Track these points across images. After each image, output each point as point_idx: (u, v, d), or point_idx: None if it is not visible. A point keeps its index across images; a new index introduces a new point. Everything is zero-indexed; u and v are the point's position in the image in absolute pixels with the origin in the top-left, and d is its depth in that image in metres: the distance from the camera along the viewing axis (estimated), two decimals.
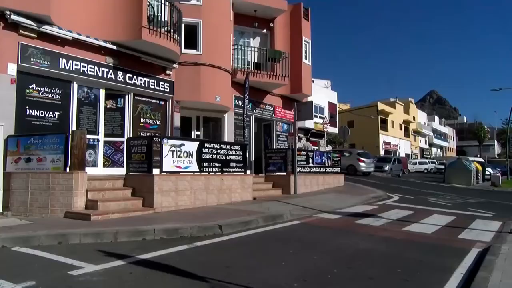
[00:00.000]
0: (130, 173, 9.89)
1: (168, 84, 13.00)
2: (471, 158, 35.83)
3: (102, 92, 11.38)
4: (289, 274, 4.85)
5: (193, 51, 14.10)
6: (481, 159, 43.48)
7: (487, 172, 33.05)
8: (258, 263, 5.39)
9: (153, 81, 12.51)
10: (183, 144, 10.18)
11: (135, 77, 11.94)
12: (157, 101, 12.96)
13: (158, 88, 12.67)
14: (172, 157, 9.83)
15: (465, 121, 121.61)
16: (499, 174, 29.92)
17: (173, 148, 9.85)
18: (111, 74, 11.29)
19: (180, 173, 10.03)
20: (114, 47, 11.16)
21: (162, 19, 11.79)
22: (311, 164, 16.08)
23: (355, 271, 5.15)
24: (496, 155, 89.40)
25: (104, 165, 11.29)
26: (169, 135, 12.73)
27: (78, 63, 10.47)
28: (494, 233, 8.10)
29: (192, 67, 13.93)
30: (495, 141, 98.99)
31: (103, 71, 11.08)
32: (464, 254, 6.17)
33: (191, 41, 14.12)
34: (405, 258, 5.96)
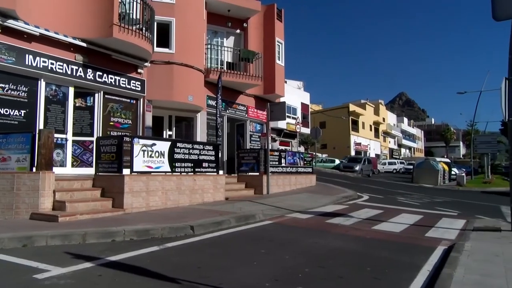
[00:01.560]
0: (100, 173, 9.69)
1: (139, 83, 12.81)
2: (438, 159, 37.02)
3: (71, 90, 11.10)
4: (261, 274, 4.87)
5: (166, 50, 13.94)
6: (447, 160, 45.02)
7: (453, 172, 34.19)
8: (230, 264, 5.38)
9: (124, 79, 12.30)
10: (154, 144, 10.05)
11: (105, 75, 11.70)
12: (128, 100, 12.75)
13: (129, 86, 12.47)
14: (143, 157, 9.69)
15: (433, 122, 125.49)
16: (464, 174, 31.03)
17: (144, 148, 9.71)
18: (80, 72, 11.02)
19: (152, 173, 9.90)
20: (84, 44, 10.92)
21: (134, 17, 11.62)
22: (283, 164, 16.19)
23: (326, 270, 5.22)
24: (461, 156, 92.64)
25: (72, 165, 11.02)
26: (140, 134, 12.55)
27: (46, 60, 10.18)
28: (459, 231, 8.37)
29: (164, 66, 13.77)
30: (461, 142, 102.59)
31: (72, 69, 10.81)
32: (431, 252, 6.35)
33: (164, 40, 13.96)
34: (375, 256, 6.08)
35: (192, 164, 11.17)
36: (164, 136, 14.74)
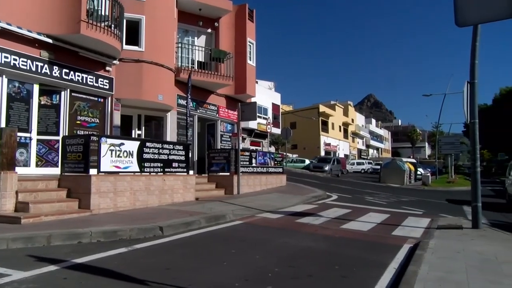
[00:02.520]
0: (66, 173, 9.41)
1: (107, 81, 12.54)
2: (404, 159, 38.01)
3: (36, 88, 10.73)
4: (231, 274, 4.86)
5: (135, 48, 13.72)
6: (413, 160, 46.29)
7: (418, 172, 35.21)
8: (200, 264, 5.35)
9: (92, 77, 12.01)
10: (123, 144, 9.86)
11: (72, 72, 11.38)
12: (96, 98, 12.45)
13: (97, 84, 12.17)
14: (111, 156, 9.49)
15: (400, 124, 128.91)
16: (429, 174, 32.03)
17: (112, 148, 9.51)
18: (46, 69, 10.68)
19: (120, 173, 9.71)
20: (50, 41, 10.58)
21: (103, 14, 11.36)
22: (254, 165, 16.22)
23: (295, 269, 5.26)
24: (427, 156, 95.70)
25: (37, 165, 10.65)
26: (108, 134, 12.29)
27: (8, 55, 9.80)
28: (424, 229, 8.62)
29: (133, 64, 13.55)
30: (426, 143, 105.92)
31: (37, 65, 10.46)
32: (397, 250, 6.51)
33: (133, 38, 13.73)
34: (343, 255, 6.19)
35: (161, 164, 11.03)
36: (133, 136, 14.50)
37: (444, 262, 5.39)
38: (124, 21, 12.97)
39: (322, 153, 55.01)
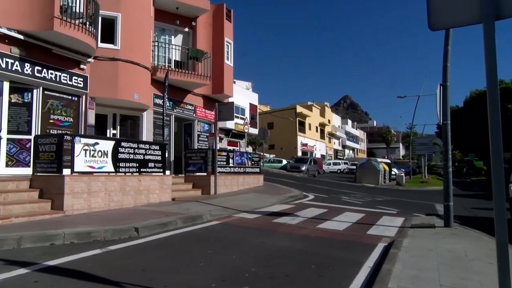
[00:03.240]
0: (38, 174, 9.19)
1: (82, 79, 12.28)
2: (379, 159, 38.67)
3: (6, 85, 10.40)
4: (208, 275, 4.84)
5: (111, 46, 13.47)
6: (388, 160, 47.15)
7: (393, 172, 35.88)
8: (176, 265, 5.29)
9: (66, 75, 11.73)
10: (97, 143, 9.69)
11: (45, 70, 11.09)
12: (70, 97, 12.17)
13: (70, 83, 11.90)
14: (85, 156, 9.31)
15: (375, 125, 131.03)
16: (403, 174, 32.68)
17: (86, 147, 9.32)
18: (17, 66, 10.36)
19: (94, 174, 9.53)
20: (21, 37, 10.27)
21: (77, 10, 11.11)
22: (231, 165, 16.19)
23: (272, 269, 5.28)
24: (401, 157, 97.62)
25: (7, 165, 10.32)
26: (82, 133, 12.03)
27: None
28: (398, 228, 8.79)
29: (109, 62, 13.31)
30: (401, 144, 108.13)
31: (7, 62, 10.13)
32: (372, 249, 6.61)
33: (109, 35, 13.49)
34: (319, 254, 6.24)
35: (137, 164, 10.88)
36: (108, 135, 14.24)
37: (417, 260, 5.51)
38: (100, 18, 12.72)
39: (299, 154, 55.38)
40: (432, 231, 8.08)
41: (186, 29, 18.07)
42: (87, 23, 11.41)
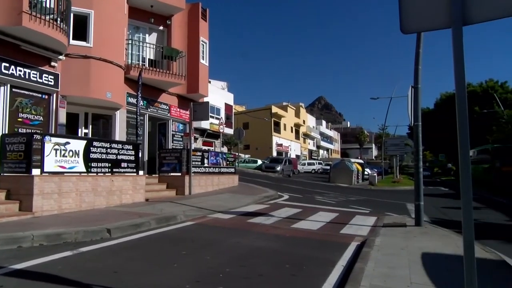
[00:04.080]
0: (5, 174, 8.89)
1: (52, 77, 11.97)
2: (353, 160, 39.26)
3: None
4: (181, 276, 4.79)
5: (83, 43, 13.19)
6: (361, 161, 47.94)
7: (366, 173, 36.50)
8: (150, 267, 5.22)
9: (35, 72, 11.41)
10: (68, 143, 9.46)
11: (13, 67, 10.76)
12: (40, 95, 11.85)
13: (40, 80, 11.59)
14: (56, 156, 9.08)
15: (349, 126, 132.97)
16: (375, 174, 33.30)
17: (56, 147, 9.09)
18: None
19: (65, 174, 9.30)
20: None
21: (48, 6, 10.82)
22: (206, 165, 16.11)
23: (247, 269, 5.28)
24: (373, 157, 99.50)
25: None
26: (53, 132, 11.74)
27: None
28: (370, 227, 8.94)
29: (81, 60, 13.01)
30: (373, 145, 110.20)
31: None
32: (345, 248, 6.70)
33: (81, 33, 13.19)
34: (293, 254, 6.28)
35: (109, 164, 10.69)
36: (80, 135, 13.92)
37: (389, 259, 5.62)
38: (71, 15, 12.44)
39: (274, 154, 55.64)
40: (403, 230, 8.26)
41: (161, 28, 17.87)
42: (58, 19, 11.13)
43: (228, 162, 18.35)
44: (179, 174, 14.50)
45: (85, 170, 9.92)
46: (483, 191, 23.45)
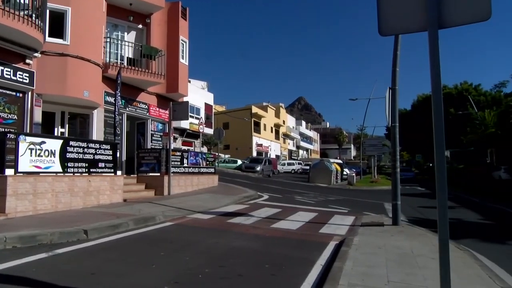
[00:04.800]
0: None
1: (27, 75, 11.68)
2: (332, 160, 39.66)
3: None
4: (160, 277, 4.75)
5: (60, 41, 12.89)
6: (340, 161, 48.46)
7: (344, 173, 36.87)
8: (127, 268, 5.15)
9: (9, 70, 11.11)
10: (44, 142, 9.25)
11: None
12: (14, 93, 11.54)
13: (15, 78, 11.29)
14: (31, 156, 8.86)
15: (328, 126, 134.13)
16: (354, 174, 33.70)
17: (32, 146, 8.88)
18: None
19: (40, 174, 9.10)
20: None
21: (22, 1, 10.55)
22: (185, 165, 16.00)
23: (226, 269, 5.27)
24: (352, 157, 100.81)
25: None
26: (28, 131, 11.45)
27: None
28: (349, 226, 9.05)
29: (57, 57, 12.73)
30: (352, 145, 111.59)
31: None
32: (324, 247, 6.77)
33: (58, 30, 12.90)
34: (273, 253, 6.30)
35: (86, 164, 10.50)
36: (56, 134, 13.62)
37: (367, 258, 5.70)
38: (47, 11, 12.15)
39: (254, 154, 55.68)
40: (381, 229, 8.39)
41: (140, 26, 17.65)
42: (33, 15, 10.87)
43: (208, 162, 18.27)
44: (158, 174, 14.36)
45: (61, 170, 9.72)
46: (458, 190, 24.06)
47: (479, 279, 4.83)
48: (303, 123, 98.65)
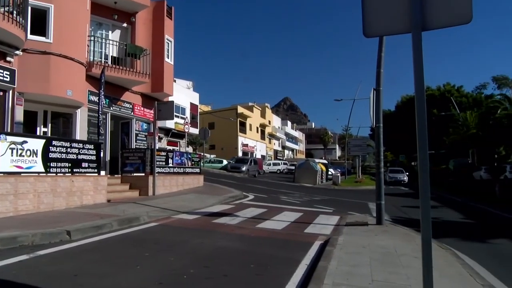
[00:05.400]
0: None
1: (8, 73, 11.46)
2: (317, 160, 39.91)
3: None
4: (144, 278, 4.70)
5: (42, 39, 12.67)
6: (325, 161, 48.78)
7: (329, 173, 37.15)
8: (111, 269, 5.10)
9: None
10: (25, 141, 9.08)
11: None
12: None
13: None
14: (12, 155, 8.70)
15: (313, 126, 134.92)
16: (339, 174, 33.96)
17: (13, 146, 8.71)
18: None
19: (22, 174, 8.93)
20: None
21: None
22: (171, 165, 15.90)
23: (211, 269, 5.25)
24: (337, 158, 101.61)
25: None
26: (9, 130, 11.23)
27: None
28: (334, 226, 9.11)
29: (40, 56, 12.52)
30: (337, 145, 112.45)
31: None
32: (309, 247, 6.80)
33: (40, 27, 12.68)
34: (258, 253, 6.30)
35: (70, 164, 10.35)
36: (38, 133, 13.39)
37: (351, 257, 5.74)
38: (29, 8, 11.95)
39: (240, 154, 55.62)
40: (365, 229, 8.47)
41: (125, 25, 17.48)
42: (14, 12, 10.67)
43: (193, 162, 18.19)
44: (143, 174, 14.24)
45: (43, 170, 9.56)
46: (441, 190, 24.44)
47: (461, 277, 4.91)
48: (289, 123, 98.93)
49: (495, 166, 28.96)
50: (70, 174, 10.36)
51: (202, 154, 32.80)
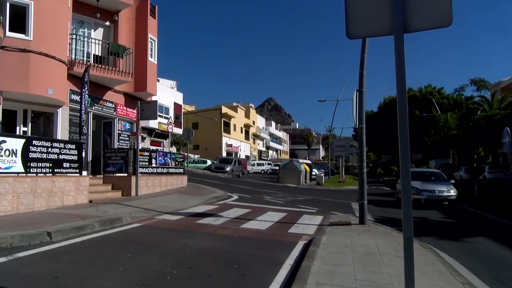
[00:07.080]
0: None
1: None
2: (301, 160, 40.08)
3: None
4: (127, 280, 4.65)
5: (22, 36, 12.42)
6: (309, 161, 49.09)
7: (313, 173, 37.40)
8: (93, 271, 5.02)
9: None
10: (4, 141, 8.90)
11: None
12: None
13: None
14: None
15: (297, 127, 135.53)
16: (322, 174, 34.20)
17: None
18: None
19: (0, 174, 8.73)
20: None
21: None
22: (154, 165, 15.78)
23: (194, 270, 5.22)
24: (321, 158, 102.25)
25: None
26: None
27: None
28: (317, 226, 9.17)
29: (19, 53, 12.26)
30: (321, 146, 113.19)
31: None
32: (293, 247, 6.83)
33: (20, 25, 12.42)
34: (242, 254, 6.30)
35: (50, 164, 10.18)
36: (18, 133, 13.12)
37: (334, 257, 5.79)
38: (8, 5, 11.71)
39: (224, 154, 55.52)
40: (348, 229, 8.55)
41: (107, 23, 17.27)
42: None
43: (177, 163, 18.09)
44: (125, 174, 14.09)
45: (23, 171, 9.38)
46: None
47: (441, 275, 5.00)
48: (273, 123, 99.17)
49: (474, 166, 29.58)
50: (51, 174, 10.19)
51: (186, 154, 32.64)
